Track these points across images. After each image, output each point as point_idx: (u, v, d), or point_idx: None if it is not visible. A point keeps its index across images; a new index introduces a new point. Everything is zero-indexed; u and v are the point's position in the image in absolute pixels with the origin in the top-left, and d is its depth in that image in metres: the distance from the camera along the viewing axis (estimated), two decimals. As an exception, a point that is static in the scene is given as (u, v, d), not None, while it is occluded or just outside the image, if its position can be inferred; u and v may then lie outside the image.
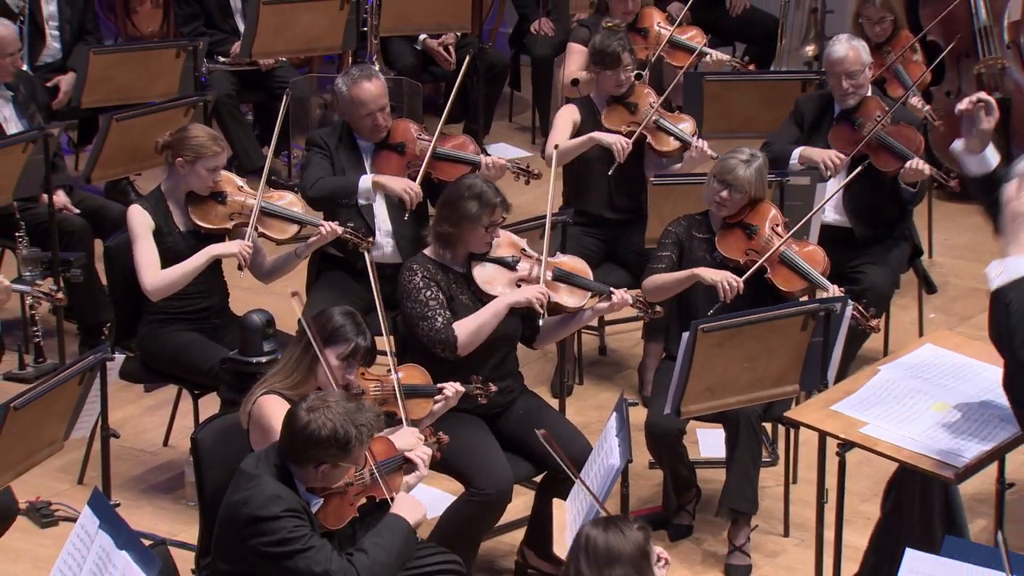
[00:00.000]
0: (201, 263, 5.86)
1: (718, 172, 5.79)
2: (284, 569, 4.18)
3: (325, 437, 4.20)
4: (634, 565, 3.77)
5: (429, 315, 5.28)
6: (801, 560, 5.58)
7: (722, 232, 5.83)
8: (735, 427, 5.57)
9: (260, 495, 4.20)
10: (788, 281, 5.76)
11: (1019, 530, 5.66)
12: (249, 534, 4.19)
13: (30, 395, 4.92)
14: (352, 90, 6.31)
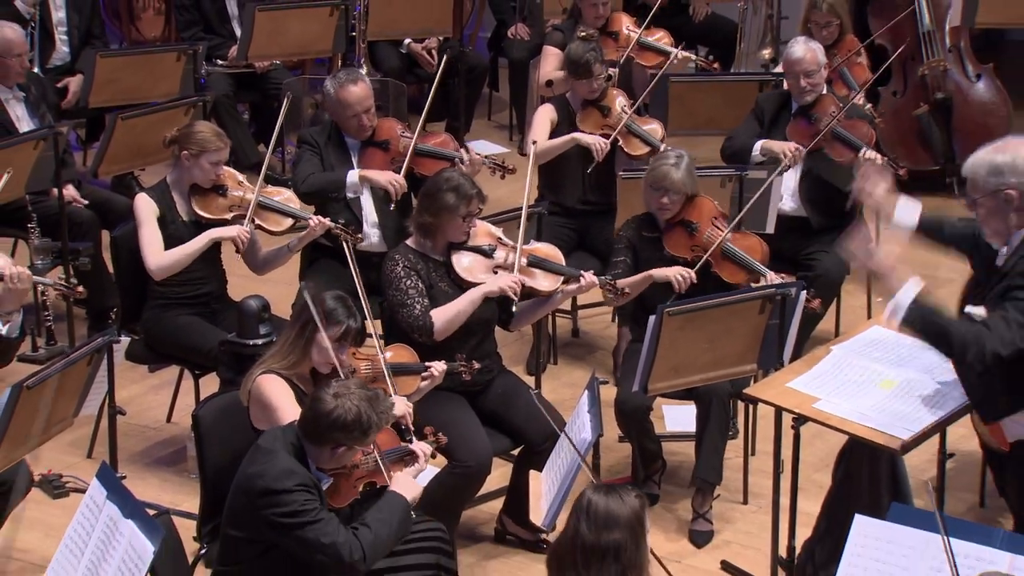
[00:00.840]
0: (201, 245, 5.86)
1: (652, 181, 5.78)
2: (294, 538, 4.18)
3: (350, 422, 4.21)
4: (630, 530, 3.78)
5: (408, 303, 5.30)
6: (759, 526, 5.60)
7: (666, 232, 5.83)
8: (707, 405, 5.59)
9: (275, 469, 4.20)
10: (732, 274, 5.78)
11: (959, 496, 5.70)
12: (262, 504, 4.19)
13: (42, 375, 4.92)
14: (339, 92, 6.31)
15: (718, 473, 5.66)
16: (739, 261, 5.76)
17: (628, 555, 3.77)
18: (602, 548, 3.75)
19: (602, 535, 3.76)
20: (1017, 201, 4.34)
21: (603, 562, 3.75)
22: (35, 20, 8.09)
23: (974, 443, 5.48)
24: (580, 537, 3.78)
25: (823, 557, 5.17)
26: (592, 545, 3.76)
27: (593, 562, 3.75)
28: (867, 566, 4.15)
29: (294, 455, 4.27)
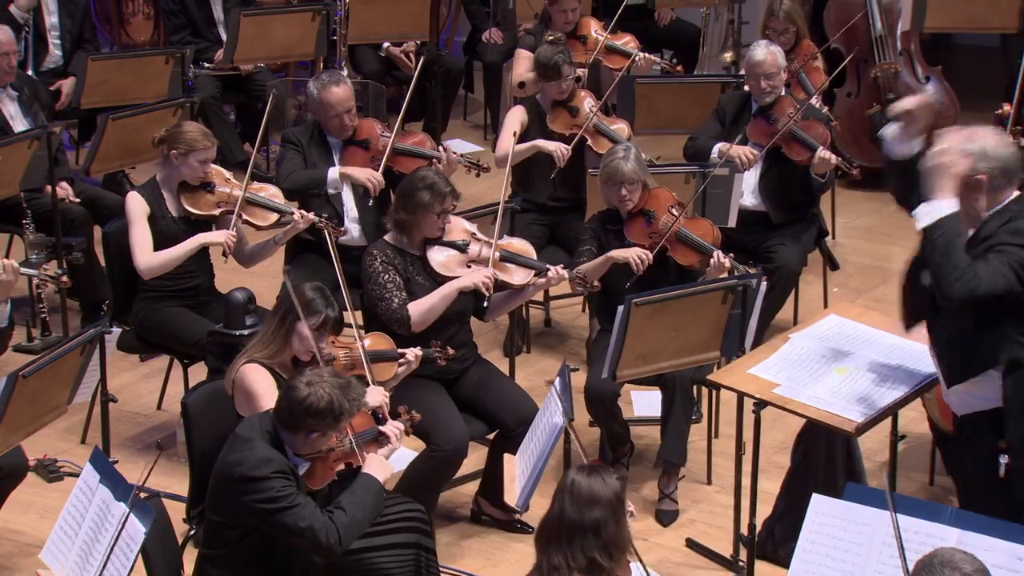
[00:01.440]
0: (190, 249, 5.85)
1: (607, 178, 5.80)
2: (272, 523, 4.18)
3: (322, 409, 4.20)
4: (611, 508, 3.81)
5: (387, 296, 5.30)
6: (721, 505, 5.62)
7: (627, 222, 5.85)
8: (672, 390, 5.60)
9: (253, 457, 4.19)
10: (685, 256, 5.79)
11: (910, 476, 5.73)
12: (241, 491, 4.18)
13: (37, 364, 4.91)
14: (322, 94, 6.31)
15: (683, 455, 5.67)
16: (691, 243, 5.78)
17: (608, 532, 3.80)
18: (584, 525, 3.78)
19: (584, 513, 3.79)
20: (987, 184, 4.35)
21: (585, 538, 3.78)
22: (29, 25, 8.07)
23: (925, 426, 5.51)
24: (564, 515, 3.81)
25: (782, 534, 5.20)
26: (575, 522, 3.79)
27: (576, 538, 3.78)
28: (824, 542, 4.17)
29: (271, 442, 4.26)
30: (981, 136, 4.38)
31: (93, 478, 4.33)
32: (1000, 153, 4.32)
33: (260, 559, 4.26)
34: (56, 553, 4.38)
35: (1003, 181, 4.32)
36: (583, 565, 3.77)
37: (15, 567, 5.32)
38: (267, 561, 4.26)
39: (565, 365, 4.82)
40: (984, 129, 4.45)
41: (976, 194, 4.35)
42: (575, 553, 3.77)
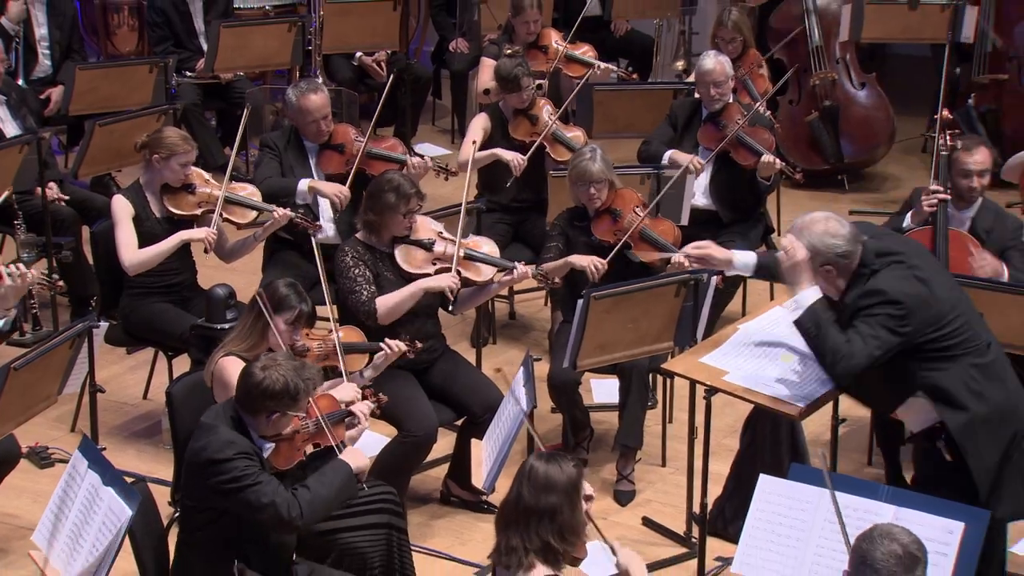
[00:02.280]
0: (172, 245, 5.82)
1: (576, 178, 5.79)
2: (237, 501, 4.14)
3: (278, 390, 4.17)
4: (567, 495, 3.79)
5: (356, 289, 5.29)
6: (675, 485, 5.63)
7: (595, 219, 5.85)
8: (629, 378, 5.61)
9: (216, 441, 4.16)
10: (647, 254, 5.79)
11: (850, 457, 5.76)
12: (208, 474, 4.15)
13: (28, 357, 4.88)
14: (300, 101, 6.30)
15: (639, 439, 5.68)
16: (653, 242, 5.79)
17: (563, 517, 3.78)
18: (540, 510, 3.76)
19: (540, 498, 3.77)
20: (836, 271, 4.49)
21: (540, 522, 3.76)
22: (19, 36, 8.02)
23: (863, 410, 5.54)
24: (521, 499, 3.79)
25: (732, 512, 5.21)
26: (531, 507, 3.77)
27: (532, 522, 3.76)
28: (770, 519, 4.19)
29: (234, 427, 4.22)
30: (808, 228, 4.51)
31: (82, 464, 4.30)
32: (829, 243, 4.45)
33: (233, 542, 4.22)
34: (47, 535, 4.36)
35: (846, 262, 4.46)
36: (538, 547, 3.76)
37: (9, 549, 5.29)
38: (239, 543, 4.23)
39: (528, 355, 4.82)
40: (811, 218, 4.55)
41: (831, 280, 4.49)
42: (531, 536, 3.75)
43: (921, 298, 4.39)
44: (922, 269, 4.49)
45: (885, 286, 4.39)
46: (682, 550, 5.29)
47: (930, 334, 4.41)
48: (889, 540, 3.53)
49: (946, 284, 4.56)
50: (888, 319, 4.36)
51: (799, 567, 4.07)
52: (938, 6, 8.08)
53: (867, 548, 3.54)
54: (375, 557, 4.66)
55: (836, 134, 8.48)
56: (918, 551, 3.55)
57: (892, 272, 4.43)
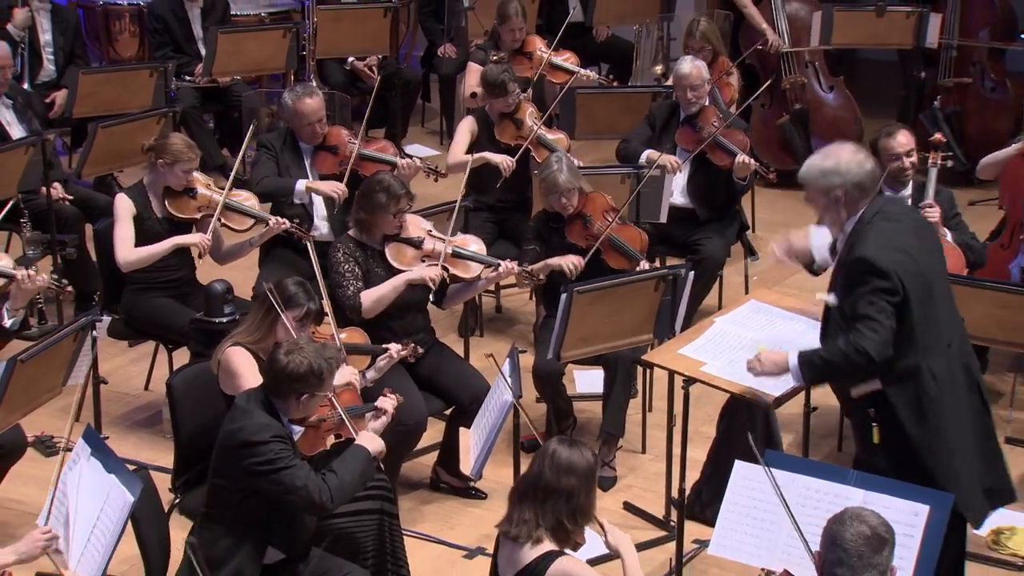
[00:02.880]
0: (165, 248, 5.82)
1: (546, 190, 5.79)
2: (271, 482, 4.15)
3: (304, 372, 4.18)
4: (585, 479, 3.86)
5: (344, 284, 5.30)
6: (655, 471, 5.64)
7: (567, 223, 5.85)
8: (614, 369, 5.61)
9: (252, 424, 4.17)
10: (617, 261, 5.80)
11: (820, 443, 5.77)
12: (243, 455, 4.16)
13: (34, 350, 4.88)
14: (296, 105, 6.29)
15: (621, 427, 5.69)
16: (620, 249, 5.80)
17: (579, 499, 3.85)
18: (559, 489, 3.83)
19: (561, 479, 3.83)
20: (844, 197, 4.38)
21: (557, 501, 3.82)
22: (24, 42, 8.00)
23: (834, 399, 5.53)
24: (542, 477, 3.85)
25: (709, 497, 5.22)
26: (551, 485, 3.83)
27: (549, 499, 3.83)
28: (745, 503, 4.19)
29: (267, 405, 4.24)
30: (835, 153, 4.41)
31: (86, 452, 4.29)
32: (853, 169, 4.35)
33: (260, 522, 4.24)
34: (52, 521, 4.33)
35: (857, 194, 4.36)
36: (552, 525, 3.82)
37: (16, 534, 5.24)
38: (267, 523, 4.24)
39: (514, 347, 4.83)
40: (838, 146, 4.47)
41: (837, 206, 4.39)
42: (546, 513, 3.82)
43: (906, 265, 4.27)
44: (912, 234, 4.38)
45: (864, 253, 4.27)
46: (661, 533, 5.30)
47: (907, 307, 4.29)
48: (859, 522, 3.55)
49: (935, 260, 4.45)
50: (879, 292, 4.24)
51: (772, 548, 4.08)
52: (903, 13, 8.12)
53: (837, 529, 3.55)
54: (368, 541, 4.66)
55: (807, 135, 8.50)
56: (886, 533, 3.56)
57: (873, 231, 4.31)
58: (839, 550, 3.53)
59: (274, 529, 4.26)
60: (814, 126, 8.53)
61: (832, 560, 3.54)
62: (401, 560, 4.76)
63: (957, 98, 8.52)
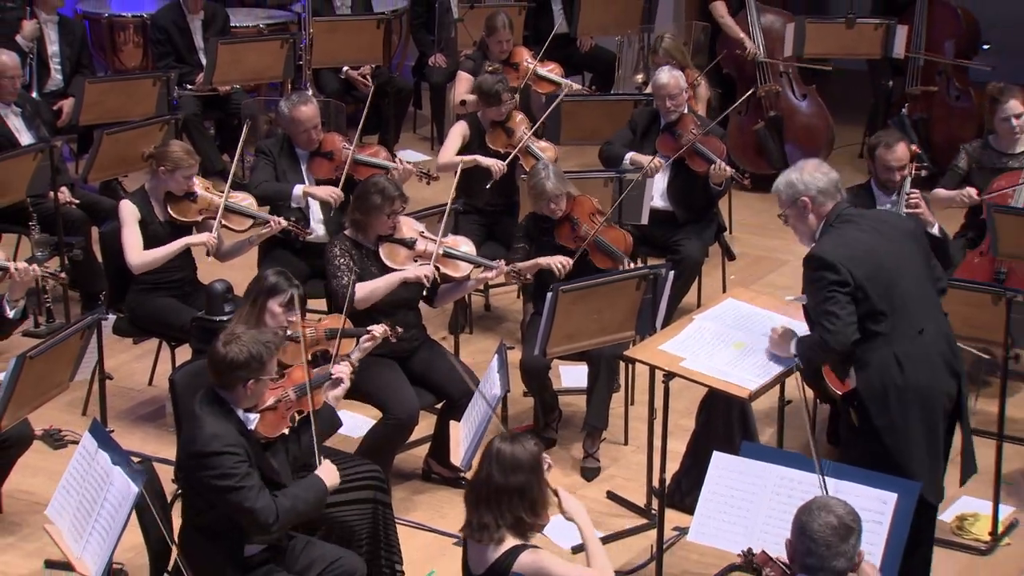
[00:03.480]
0: (175, 250, 5.81)
1: (536, 196, 5.79)
2: (222, 501, 4.07)
3: (244, 359, 4.08)
4: (533, 471, 3.81)
5: (338, 275, 5.29)
6: (636, 462, 5.64)
7: (556, 226, 5.85)
8: (597, 365, 5.61)
9: (202, 435, 4.06)
10: (603, 261, 5.81)
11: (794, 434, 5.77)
12: (196, 466, 4.08)
13: (42, 347, 4.87)
14: (293, 112, 6.29)
15: (604, 420, 5.69)
16: (606, 251, 5.80)
17: (532, 493, 3.80)
18: (511, 488, 3.77)
19: (510, 477, 3.77)
20: (810, 205, 4.47)
21: (511, 500, 3.77)
22: (33, 52, 7.97)
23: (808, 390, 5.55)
24: (492, 479, 3.79)
25: (688, 486, 5.22)
26: (502, 486, 3.78)
27: (504, 500, 3.77)
28: (723, 492, 4.20)
29: (217, 404, 4.12)
30: (801, 167, 4.56)
31: (92, 445, 4.28)
32: (816, 177, 4.48)
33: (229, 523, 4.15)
34: (60, 510, 4.33)
35: (821, 200, 4.47)
36: (511, 523, 3.77)
37: (25, 523, 5.27)
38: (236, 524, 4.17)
39: (502, 344, 4.82)
40: (806, 161, 4.62)
41: (805, 214, 4.48)
42: (503, 513, 3.77)
43: (855, 257, 4.32)
44: (868, 232, 4.42)
45: (815, 251, 4.39)
46: (643, 521, 5.30)
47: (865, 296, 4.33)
48: (826, 512, 3.55)
49: (898, 254, 4.47)
50: (828, 286, 4.30)
51: (749, 535, 4.08)
52: (872, 25, 8.16)
53: (806, 520, 3.56)
54: (362, 529, 4.66)
55: (781, 141, 8.52)
56: (852, 522, 3.57)
57: (831, 234, 4.41)
58: (808, 540, 3.54)
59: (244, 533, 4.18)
60: (788, 132, 8.55)
61: (802, 550, 3.56)
62: (394, 547, 4.75)
63: (924, 106, 8.54)
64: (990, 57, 8.57)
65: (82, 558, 4.16)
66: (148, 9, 9.11)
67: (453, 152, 6.70)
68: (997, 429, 5.23)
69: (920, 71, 8.49)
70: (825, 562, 3.54)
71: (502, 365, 4.65)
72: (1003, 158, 6.26)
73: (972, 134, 7.57)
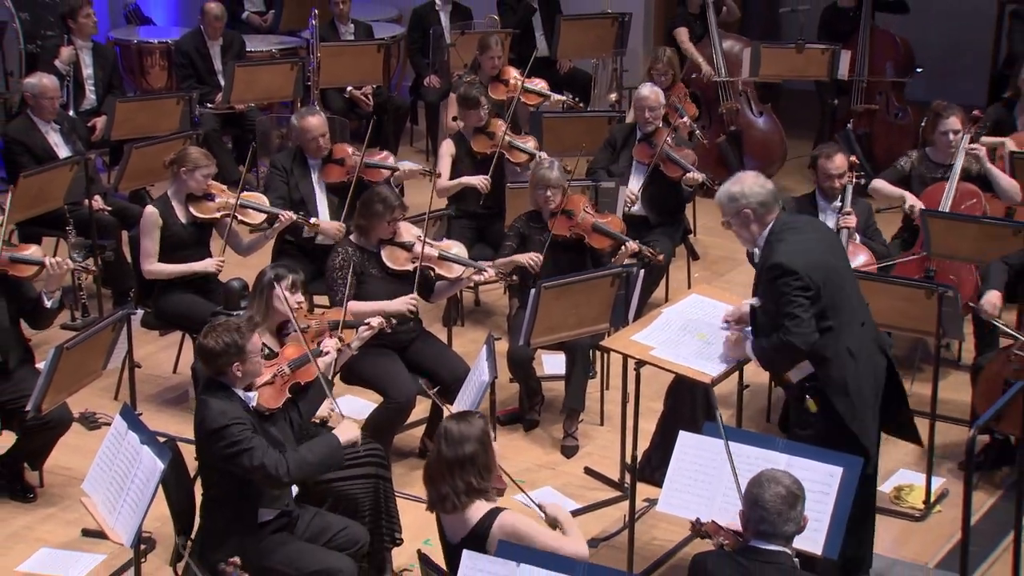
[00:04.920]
0: (182, 271, 5.84)
1: (536, 183, 5.83)
2: (235, 465, 4.08)
3: (223, 347, 4.12)
4: (480, 442, 3.80)
5: (335, 288, 5.27)
6: (611, 441, 5.64)
7: (552, 220, 5.86)
8: (574, 354, 5.61)
9: (211, 414, 4.10)
10: (600, 242, 5.85)
11: (752, 416, 5.80)
12: (211, 441, 4.10)
13: (78, 339, 4.85)
14: (301, 122, 6.31)
15: (582, 403, 5.69)
16: (605, 232, 5.82)
17: (481, 460, 3.79)
18: (460, 459, 3.76)
19: (458, 450, 3.76)
20: (752, 216, 4.43)
21: (463, 469, 3.76)
22: (70, 76, 7.95)
23: (764, 376, 5.57)
24: (442, 456, 3.78)
25: (657, 462, 5.21)
26: (452, 459, 3.76)
27: (455, 470, 3.76)
28: (688, 467, 4.21)
29: (219, 389, 4.16)
30: (742, 179, 4.49)
31: (123, 426, 4.27)
32: (756, 191, 4.42)
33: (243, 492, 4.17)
34: (95, 484, 4.33)
35: (763, 211, 4.42)
36: (464, 489, 3.75)
37: (65, 495, 5.27)
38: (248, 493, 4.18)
39: (490, 335, 4.82)
40: (744, 173, 4.55)
41: (748, 223, 4.44)
42: (455, 481, 3.75)
43: (812, 263, 4.31)
44: (815, 239, 4.42)
45: (777, 259, 4.33)
46: (617, 493, 5.31)
47: (819, 297, 4.32)
48: (775, 484, 3.59)
49: (838, 258, 4.49)
50: (793, 289, 4.29)
51: (710, 505, 4.09)
52: (819, 50, 8.19)
53: (757, 492, 3.59)
54: (365, 501, 4.65)
55: (740, 153, 8.55)
56: (798, 491, 3.61)
57: (784, 242, 4.36)
58: (761, 509, 3.56)
59: (262, 492, 4.21)
60: (746, 145, 8.58)
61: (755, 518, 3.58)
62: (394, 517, 4.75)
63: (866, 122, 8.57)
64: (923, 78, 8.62)
65: (115, 527, 4.15)
66: (172, 36, 9.11)
67: (446, 170, 6.73)
68: (931, 409, 5.26)
69: (863, 91, 8.53)
70: (777, 528, 3.56)
71: (490, 354, 4.65)
72: (938, 169, 6.31)
73: (909, 146, 7.60)
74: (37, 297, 5.23)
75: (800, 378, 4.48)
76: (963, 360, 6.33)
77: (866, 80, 8.47)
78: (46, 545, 4.99)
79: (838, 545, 3.94)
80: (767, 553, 3.58)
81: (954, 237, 5.85)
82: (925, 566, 4.86)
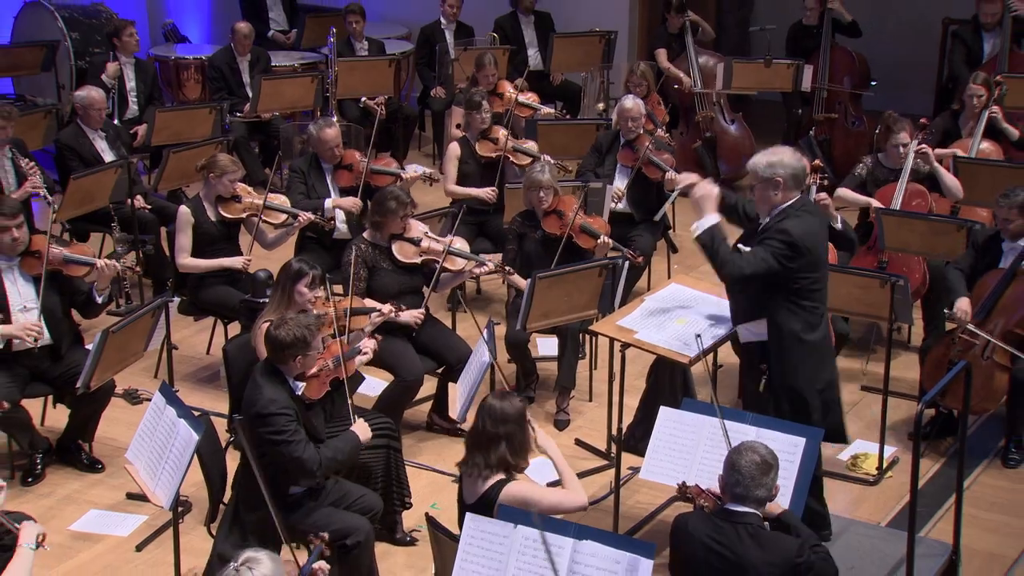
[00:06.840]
0: (213, 266, 5.82)
1: (530, 185, 5.79)
2: (276, 452, 4.08)
3: (292, 340, 4.12)
4: (518, 423, 3.79)
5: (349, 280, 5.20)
6: (599, 416, 5.63)
7: (544, 219, 5.84)
8: (565, 337, 5.60)
9: (262, 398, 4.09)
10: (586, 241, 5.81)
11: (724, 393, 5.78)
12: (256, 424, 4.08)
13: (121, 324, 4.86)
14: (319, 134, 6.30)
15: (573, 382, 5.68)
16: (589, 232, 5.80)
17: (517, 439, 3.79)
18: (499, 435, 3.76)
19: (499, 427, 3.76)
20: (782, 184, 4.34)
21: (499, 445, 3.76)
22: (114, 89, 7.93)
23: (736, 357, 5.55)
24: (485, 429, 3.78)
25: (640, 434, 5.20)
26: (491, 434, 3.76)
27: (492, 445, 3.76)
28: (668, 439, 4.21)
29: (273, 375, 4.15)
30: (780, 151, 4.41)
31: (162, 401, 4.26)
32: (792, 163, 4.34)
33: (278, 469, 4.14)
34: (137, 453, 4.32)
35: (793, 184, 4.34)
36: (496, 463, 3.76)
37: (111, 463, 5.26)
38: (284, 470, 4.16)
39: (491, 320, 4.81)
40: (782, 147, 4.47)
41: (774, 190, 4.35)
42: (490, 456, 3.76)
43: (809, 247, 4.28)
44: (818, 226, 4.40)
45: (790, 227, 4.26)
46: (604, 463, 5.30)
47: (804, 276, 4.29)
48: (751, 452, 3.59)
49: (825, 250, 4.47)
50: (778, 251, 4.24)
51: (688, 472, 4.09)
52: (785, 64, 8.18)
53: (735, 458, 3.59)
54: (378, 469, 4.64)
55: (715, 157, 8.53)
56: (772, 460, 3.61)
57: (802, 219, 4.30)
58: (736, 474, 3.57)
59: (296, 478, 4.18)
60: (720, 150, 8.57)
61: (731, 482, 3.58)
62: (404, 484, 4.74)
63: (827, 129, 8.56)
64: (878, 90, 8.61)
65: (155, 491, 4.15)
66: (206, 53, 9.08)
67: (453, 174, 6.72)
68: (883, 386, 5.26)
69: (824, 101, 8.51)
70: (749, 491, 3.56)
71: (490, 337, 4.64)
72: (890, 173, 6.36)
73: (865, 151, 7.59)
74: (88, 291, 5.23)
75: (749, 339, 4.44)
76: (912, 342, 6.33)
77: (827, 91, 8.46)
78: (95, 507, 4.99)
79: (802, 506, 3.94)
80: (739, 515, 3.59)
81: (905, 232, 5.88)
82: (878, 525, 4.86)
